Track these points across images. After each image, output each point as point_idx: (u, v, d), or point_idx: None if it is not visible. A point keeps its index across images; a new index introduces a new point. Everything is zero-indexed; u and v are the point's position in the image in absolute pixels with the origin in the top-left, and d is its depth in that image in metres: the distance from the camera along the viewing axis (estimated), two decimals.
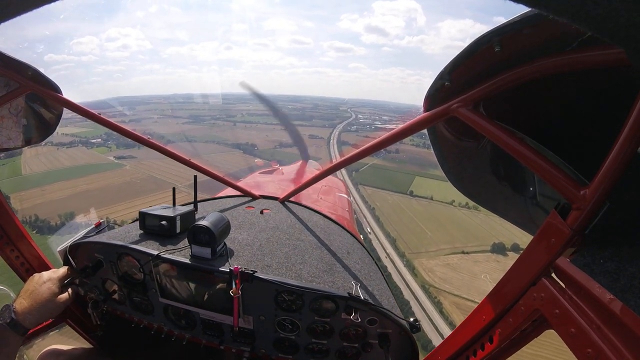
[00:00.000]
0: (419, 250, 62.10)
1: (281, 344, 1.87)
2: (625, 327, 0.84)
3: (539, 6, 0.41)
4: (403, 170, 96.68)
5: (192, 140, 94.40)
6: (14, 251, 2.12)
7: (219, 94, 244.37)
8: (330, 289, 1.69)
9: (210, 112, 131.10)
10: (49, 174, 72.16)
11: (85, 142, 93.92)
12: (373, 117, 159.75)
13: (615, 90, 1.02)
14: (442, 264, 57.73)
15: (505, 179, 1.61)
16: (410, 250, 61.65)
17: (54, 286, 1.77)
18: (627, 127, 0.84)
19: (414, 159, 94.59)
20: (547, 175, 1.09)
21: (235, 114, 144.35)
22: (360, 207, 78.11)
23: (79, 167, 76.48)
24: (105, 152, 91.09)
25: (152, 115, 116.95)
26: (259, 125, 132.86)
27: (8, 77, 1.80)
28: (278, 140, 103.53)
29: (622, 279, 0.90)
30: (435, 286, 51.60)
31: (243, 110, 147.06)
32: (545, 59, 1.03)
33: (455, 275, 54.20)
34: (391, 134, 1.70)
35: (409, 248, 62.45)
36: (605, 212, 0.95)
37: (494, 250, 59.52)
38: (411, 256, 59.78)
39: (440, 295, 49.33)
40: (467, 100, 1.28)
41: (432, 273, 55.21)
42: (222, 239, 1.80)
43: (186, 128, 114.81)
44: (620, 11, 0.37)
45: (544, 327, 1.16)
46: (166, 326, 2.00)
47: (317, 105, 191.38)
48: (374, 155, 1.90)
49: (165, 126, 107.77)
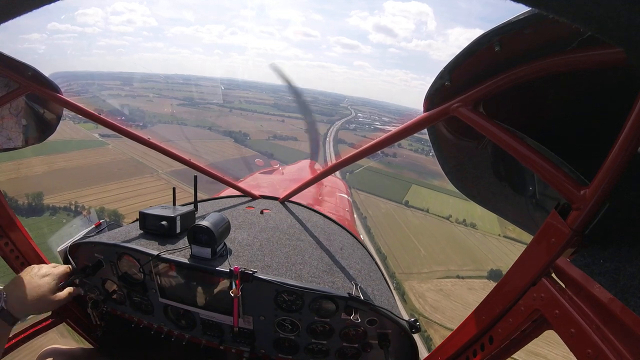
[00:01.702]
0: (410, 270, 57.17)
1: (281, 344, 1.87)
2: (625, 328, 0.84)
3: (539, 6, 0.41)
4: (399, 177, 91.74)
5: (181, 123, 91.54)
6: (8, 244, 2.07)
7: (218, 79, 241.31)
8: (330, 289, 1.69)
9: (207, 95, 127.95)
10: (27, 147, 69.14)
11: (73, 117, 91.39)
12: (373, 117, 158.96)
13: (615, 90, 1.02)
14: (434, 288, 52.92)
15: (506, 179, 1.61)
16: (402, 270, 56.74)
17: (53, 282, 1.72)
18: (627, 127, 0.84)
19: (412, 165, 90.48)
20: (547, 175, 1.08)
21: (233, 100, 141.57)
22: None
23: (60, 142, 72.54)
24: (91, 129, 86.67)
25: (148, 94, 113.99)
26: (255, 115, 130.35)
27: (8, 77, 1.80)
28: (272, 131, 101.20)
29: (622, 279, 0.90)
30: (425, 316, 46.57)
31: (241, 97, 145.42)
32: (546, 58, 1.03)
33: (448, 304, 49.38)
34: (391, 134, 1.70)
35: (400, 267, 57.41)
36: (605, 212, 0.95)
37: (490, 277, 53.36)
38: (401, 277, 54.71)
39: (431, 327, 44.20)
40: (467, 100, 1.28)
41: (423, 299, 50.41)
42: (222, 239, 1.80)
43: (180, 110, 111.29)
44: (620, 11, 0.37)
45: (544, 328, 1.16)
46: (166, 326, 2.00)
47: (317, 99, 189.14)
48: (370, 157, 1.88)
49: (159, 106, 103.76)
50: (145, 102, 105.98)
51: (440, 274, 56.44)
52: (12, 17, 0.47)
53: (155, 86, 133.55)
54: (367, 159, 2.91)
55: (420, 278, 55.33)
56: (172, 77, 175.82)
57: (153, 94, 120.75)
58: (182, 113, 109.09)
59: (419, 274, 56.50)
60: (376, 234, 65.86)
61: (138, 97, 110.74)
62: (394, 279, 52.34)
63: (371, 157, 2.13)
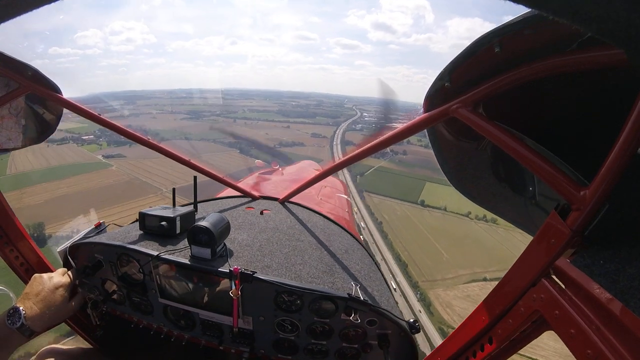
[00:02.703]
0: (434, 277, 52.28)
1: (281, 345, 1.87)
2: (625, 328, 0.84)
3: (539, 7, 0.41)
4: (412, 175, 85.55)
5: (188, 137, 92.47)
6: (13, 251, 2.11)
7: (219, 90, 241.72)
8: (330, 289, 1.69)
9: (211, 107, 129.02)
10: (33, 174, 69.30)
11: (76, 139, 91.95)
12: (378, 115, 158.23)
13: (615, 90, 1.02)
14: (461, 295, 48.51)
15: (505, 180, 1.62)
16: (425, 278, 51.97)
17: (66, 293, 1.81)
18: (627, 128, 0.84)
19: (424, 162, 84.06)
20: (547, 176, 1.09)
21: (237, 110, 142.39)
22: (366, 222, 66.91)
23: (64, 167, 73.85)
24: (95, 150, 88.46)
25: (152, 111, 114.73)
26: (259, 123, 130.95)
27: (8, 77, 1.80)
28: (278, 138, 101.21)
29: (622, 280, 0.90)
30: (454, 327, 43.41)
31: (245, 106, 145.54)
32: (545, 59, 1.03)
33: None
34: (391, 135, 1.70)
35: (423, 275, 52.66)
36: (605, 213, 0.95)
37: None
38: (425, 286, 50.24)
39: None
40: (467, 101, 1.28)
41: (450, 309, 45.94)
42: (221, 240, 1.80)
43: (184, 124, 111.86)
44: (620, 11, 0.37)
45: (544, 328, 1.16)
46: (166, 326, 1.99)
47: (321, 102, 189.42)
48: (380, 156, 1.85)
49: (163, 122, 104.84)
50: (149, 119, 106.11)
51: (465, 278, 52.38)
52: (12, 16, 0.47)
53: (159, 102, 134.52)
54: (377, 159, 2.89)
55: (445, 285, 51.35)
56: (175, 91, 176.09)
57: (156, 110, 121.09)
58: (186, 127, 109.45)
59: (443, 280, 52.36)
60: (394, 240, 62.44)
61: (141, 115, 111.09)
62: (417, 289, 49.67)
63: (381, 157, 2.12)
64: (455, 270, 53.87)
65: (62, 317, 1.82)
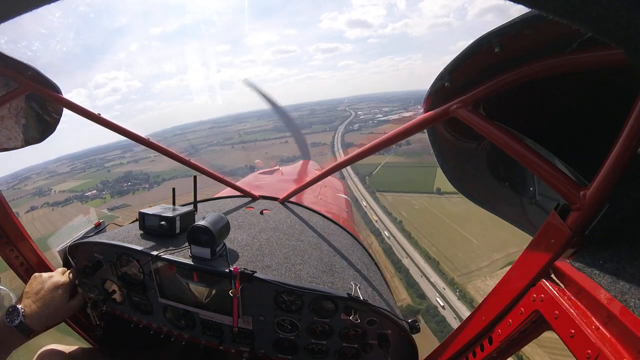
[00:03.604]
0: (469, 269, 48.19)
1: (280, 345, 1.87)
2: (625, 328, 0.84)
3: (539, 7, 0.41)
4: (421, 164, 77.47)
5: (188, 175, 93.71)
6: (13, 251, 2.11)
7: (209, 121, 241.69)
8: (330, 289, 1.69)
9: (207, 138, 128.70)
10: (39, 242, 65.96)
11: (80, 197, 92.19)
12: (373, 111, 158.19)
13: (615, 90, 1.02)
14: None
15: (505, 180, 1.62)
16: (460, 272, 47.95)
17: (66, 293, 1.80)
18: (627, 128, 0.84)
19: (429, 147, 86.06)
20: (547, 176, 1.08)
21: (232, 136, 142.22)
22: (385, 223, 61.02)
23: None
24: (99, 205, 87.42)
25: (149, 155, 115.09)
26: (257, 143, 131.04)
27: (8, 77, 1.80)
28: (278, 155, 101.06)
29: (622, 280, 0.90)
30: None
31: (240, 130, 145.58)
32: (545, 59, 1.03)
33: None
34: (390, 135, 1.70)
35: (457, 269, 48.62)
36: (605, 213, 0.95)
37: None
38: (462, 280, 46.06)
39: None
40: (467, 101, 1.28)
41: None
42: (221, 239, 1.80)
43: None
44: (620, 11, 0.37)
45: (544, 328, 1.16)
46: (165, 326, 1.99)
47: (314, 110, 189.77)
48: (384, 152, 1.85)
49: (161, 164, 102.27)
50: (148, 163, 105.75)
51: (502, 262, 47.63)
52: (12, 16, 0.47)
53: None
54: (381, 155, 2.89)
55: (481, 274, 47.31)
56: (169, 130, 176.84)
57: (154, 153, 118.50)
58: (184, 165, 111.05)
59: (479, 270, 48.47)
60: (418, 237, 57.47)
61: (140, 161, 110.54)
62: (455, 286, 45.72)
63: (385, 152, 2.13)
64: (489, 255, 50.24)
65: (61, 317, 1.81)
